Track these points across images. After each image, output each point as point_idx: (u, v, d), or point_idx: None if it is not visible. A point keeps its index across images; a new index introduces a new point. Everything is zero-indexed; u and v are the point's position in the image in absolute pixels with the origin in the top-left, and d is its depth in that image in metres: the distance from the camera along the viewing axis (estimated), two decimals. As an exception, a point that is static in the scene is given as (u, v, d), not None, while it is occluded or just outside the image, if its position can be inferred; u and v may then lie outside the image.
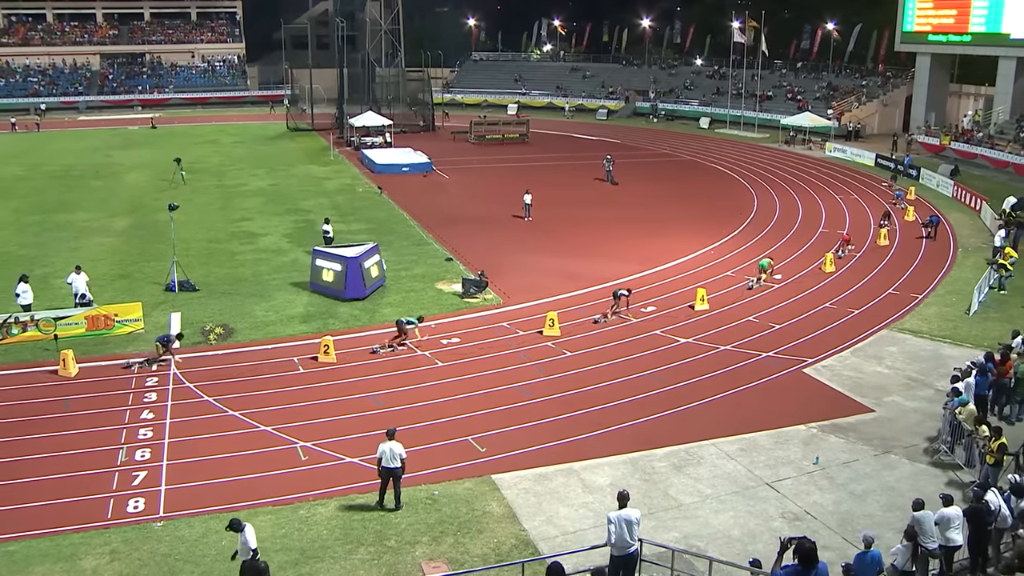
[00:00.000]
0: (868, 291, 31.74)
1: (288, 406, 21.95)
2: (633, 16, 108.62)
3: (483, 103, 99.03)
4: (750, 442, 20.38)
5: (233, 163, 60.46)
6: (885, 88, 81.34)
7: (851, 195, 50.44)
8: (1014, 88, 64.02)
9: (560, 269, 34.11)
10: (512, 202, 45.08)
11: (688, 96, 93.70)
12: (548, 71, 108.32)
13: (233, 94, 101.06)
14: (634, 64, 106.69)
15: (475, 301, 30.10)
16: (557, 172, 57.38)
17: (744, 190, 52.08)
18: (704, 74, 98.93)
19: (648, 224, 42.40)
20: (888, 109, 79.92)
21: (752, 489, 18.39)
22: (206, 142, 71.04)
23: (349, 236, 37.61)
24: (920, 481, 18.66)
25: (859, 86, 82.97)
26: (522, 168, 58.73)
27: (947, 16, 68.60)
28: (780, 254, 36.50)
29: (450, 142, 71.45)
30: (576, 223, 42.43)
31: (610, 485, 18.27)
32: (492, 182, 53.78)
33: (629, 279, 32.75)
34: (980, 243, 39.24)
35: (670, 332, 27.32)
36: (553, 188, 50.39)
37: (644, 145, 71.99)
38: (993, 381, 21.60)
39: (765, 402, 22.50)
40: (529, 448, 19.94)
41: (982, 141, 61.38)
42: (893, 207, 46.28)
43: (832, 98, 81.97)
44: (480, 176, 56.03)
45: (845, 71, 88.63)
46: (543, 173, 56.48)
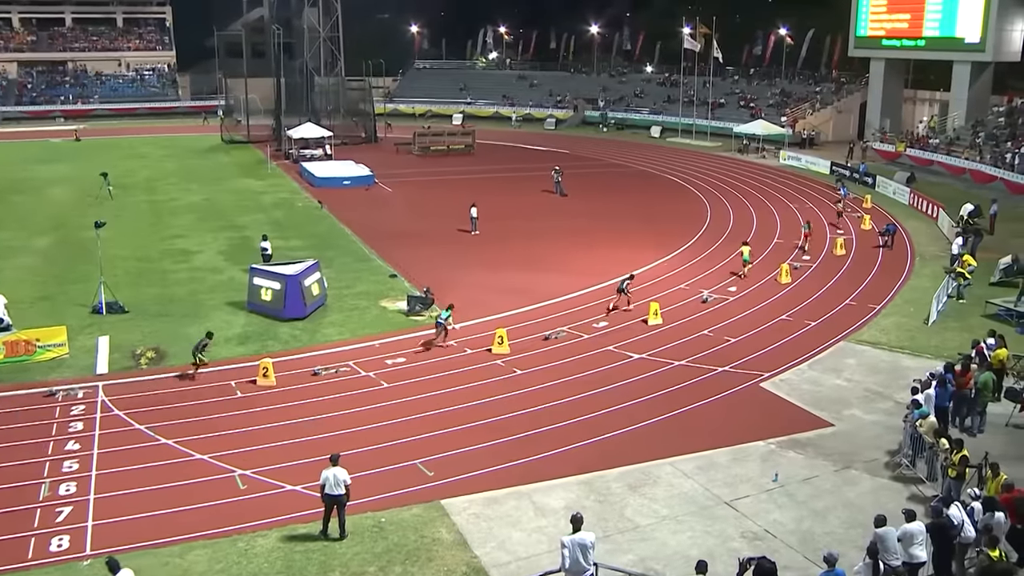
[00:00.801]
0: (825, 302, 32.26)
1: (225, 433, 21.64)
2: (581, 23, 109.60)
3: (427, 113, 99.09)
4: (707, 460, 20.53)
5: (164, 177, 59.70)
6: (839, 94, 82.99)
7: (806, 204, 51.35)
8: (969, 93, 65.52)
9: (508, 284, 34.14)
10: (458, 215, 45.05)
11: (639, 104, 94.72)
12: (494, 80, 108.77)
13: (163, 104, 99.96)
14: (583, 72, 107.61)
15: (421, 319, 30.00)
16: (504, 184, 57.53)
17: (697, 200, 52.70)
18: (655, 82, 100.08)
19: (599, 237, 42.68)
20: (843, 116, 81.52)
21: (710, 508, 18.53)
22: (134, 155, 70.05)
23: (288, 253, 37.29)
24: (882, 496, 18.93)
25: (813, 93, 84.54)
26: (468, 180, 58.81)
27: (901, 21, 70.18)
28: (735, 266, 36.98)
29: (393, 154, 71.32)
30: (524, 236, 42.54)
31: (564, 508, 18.28)
32: (437, 195, 53.74)
33: (580, 293, 32.95)
34: (938, 251, 40.12)
35: (623, 348, 27.46)
36: (500, 200, 50.53)
37: (594, 155, 72.54)
38: (953, 392, 21.93)
39: (722, 418, 22.70)
40: (479, 471, 19.88)
41: (938, 147, 62.68)
42: (842, 208, 47.66)
43: (785, 105, 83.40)
44: (424, 189, 55.97)
45: (798, 77, 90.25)
46: (490, 185, 56.59)
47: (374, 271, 36.10)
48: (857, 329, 29.32)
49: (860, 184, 57.85)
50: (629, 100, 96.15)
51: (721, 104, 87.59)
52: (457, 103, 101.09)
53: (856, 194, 53.90)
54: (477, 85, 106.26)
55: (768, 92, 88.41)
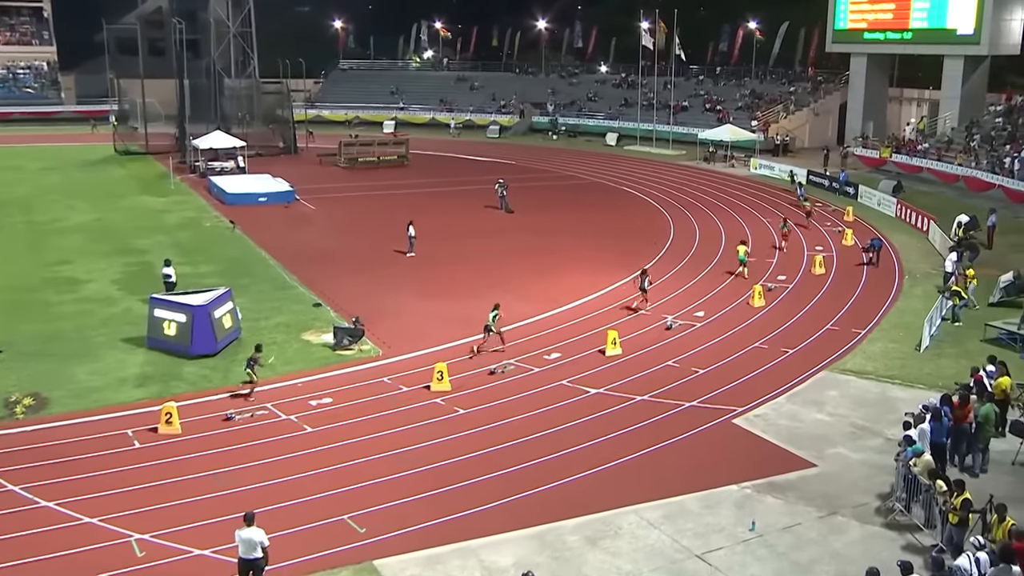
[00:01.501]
0: (803, 327, 32.63)
1: (120, 491, 21.15)
2: (527, 18, 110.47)
3: (354, 120, 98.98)
4: (676, 507, 20.55)
5: (45, 194, 58.73)
6: (816, 95, 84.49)
7: (780, 217, 51.92)
8: (962, 91, 66.29)
9: (449, 312, 34.08)
10: (392, 235, 45.02)
11: (592, 109, 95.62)
12: (430, 82, 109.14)
13: (43, 109, 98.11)
14: (529, 73, 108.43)
15: (349, 353, 29.80)
16: (443, 200, 57.61)
17: (659, 215, 53.19)
18: (610, 83, 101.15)
19: (550, 257, 42.85)
20: (820, 119, 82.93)
21: (680, 563, 18.53)
22: (8, 168, 68.84)
23: (196, 280, 36.86)
24: (873, 546, 19.05)
25: (786, 93, 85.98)
26: (402, 195, 58.80)
27: (884, 11, 71.30)
28: (701, 288, 37.32)
29: (316, 166, 71.12)
30: (467, 258, 42.59)
31: (514, 566, 18.17)
32: (367, 213, 53.69)
33: (529, 321, 32.99)
34: (929, 268, 40.87)
35: (578, 382, 27.48)
36: (439, 218, 50.58)
37: (543, 166, 72.95)
38: (951, 427, 21.94)
39: (691, 460, 22.76)
40: (417, 525, 19.70)
41: (927, 152, 63.84)
42: (810, 207, 49.90)
43: (756, 108, 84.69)
44: (353, 206, 55.89)
45: (770, 76, 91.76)
46: (427, 201, 56.61)
47: (296, 300, 35.82)
48: (840, 357, 29.66)
49: (841, 195, 58.85)
50: (581, 104, 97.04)
51: (684, 107, 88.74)
52: (388, 108, 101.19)
53: (836, 206, 54.82)
54: (411, 88, 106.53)
55: (736, 93, 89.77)
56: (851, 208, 52.97)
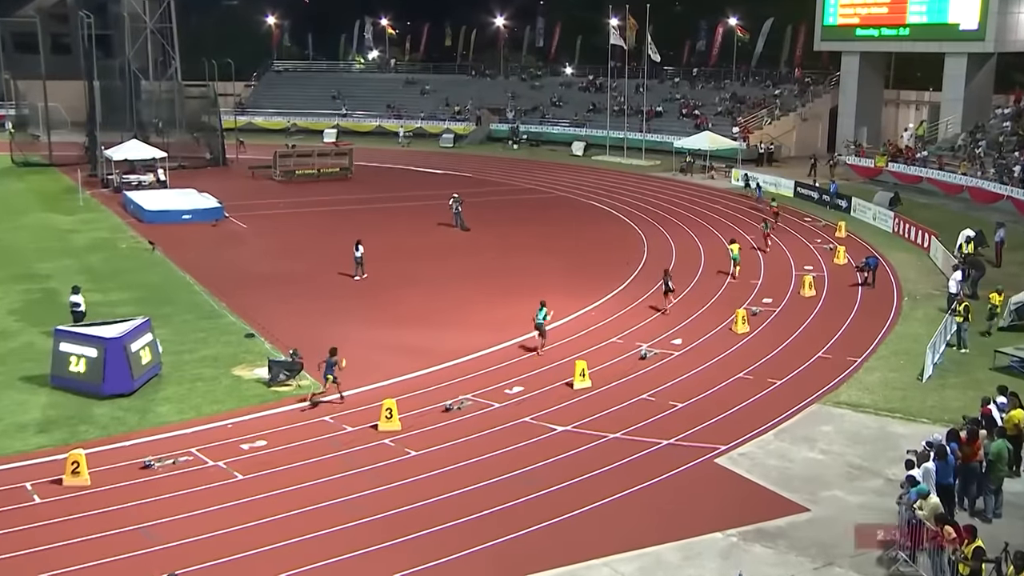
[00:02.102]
0: (792, 355, 32.72)
1: (16, 554, 20.70)
2: (483, 14, 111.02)
3: (291, 128, 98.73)
4: (652, 558, 20.44)
5: (-70, 213, 58.12)
6: (804, 98, 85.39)
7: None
8: (966, 92, 66.70)
9: (399, 342, 33.95)
10: (335, 256, 44.98)
11: (557, 115, 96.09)
12: (376, 85, 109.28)
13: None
14: (486, 75, 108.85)
15: (286, 390, 29.55)
16: (391, 216, 57.59)
17: (631, 232, 53.43)
18: (576, 86, 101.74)
19: (510, 280, 42.84)
20: (808, 124, 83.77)
21: (659, 621, 18.40)
22: None
23: (109, 310, 36.42)
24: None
25: (771, 97, 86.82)
26: (345, 212, 58.82)
27: (879, 5, 71.93)
28: (679, 313, 37.38)
29: (248, 180, 70.97)
30: (419, 281, 42.53)
31: (472, 629, 17.97)
32: (307, 231, 53.63)
33: (489, 351, 32.90)
34: (931, 289, 41.21)
35: (543, 419, 27.36)
36: (387, 237, 50.53)
37: (502, 179, 73.15)
38: (959, 466, 21.81)
39: (669, 504, 22.68)
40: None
41: (928, 161, 64.46)
42: (777, 208, 51.73)
43: (738, 113, 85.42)
44: (291, 224, 55.81)
45: (753, 78, 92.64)
46: (374, 217, 56.56)
47: (225, 330, 35.53)
48: (834, 388, 29.74)
49: (832, 209, 59.32)
50: (545, 110, 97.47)
51: (658, 113, 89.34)
52: (329, 115, 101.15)
53: (827, 221, 55.25)
54: (354, 92, 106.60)
55: (716, 97, 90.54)
56: (843, 223, 53.40)
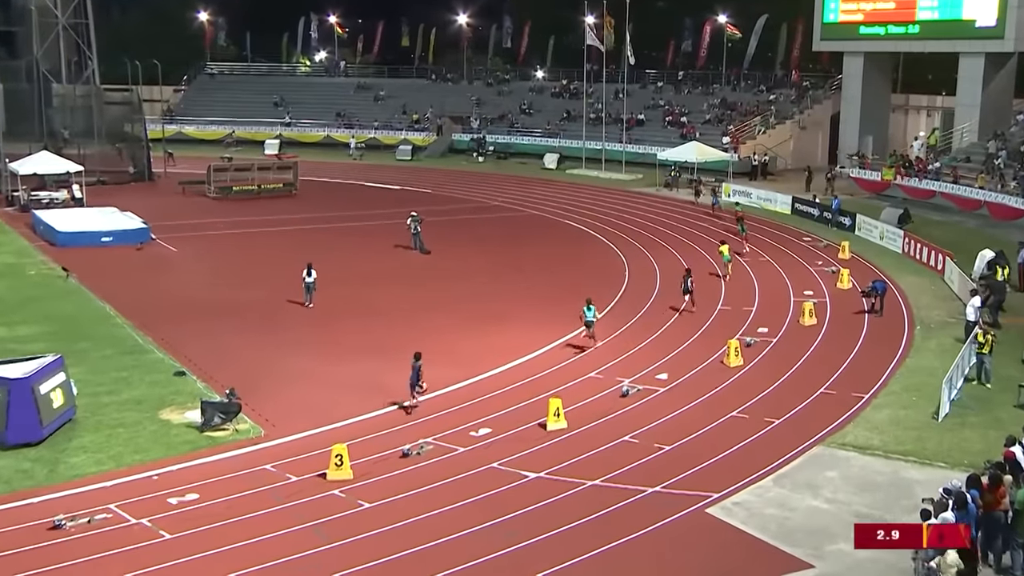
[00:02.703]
0: (792, 391, 32.76)
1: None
2: (444, 11, 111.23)
3: (227, 139, 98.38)
4: (638, 622, 20.37)
5: None
6: (802, 104, 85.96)
7: (761, 257, 52.66)
8: (983, 97, 66.88)
9: (352, 379, 33.84)
10: (279, 282, 44.97)
11: (527, 124, 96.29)
12: (324, 91, 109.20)
13: None
14: (448, 79, 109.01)
15: (222, 435, 29.32)
16: (341, 238, 57.64)
17: (611, 255, 53.62)
18: (548, 92, 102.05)
19: (475, 308, 42.82)
20: (807, 133, 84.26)
21: None
22: None
23: (15, 347, 36.13)
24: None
25: (765, 103, 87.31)
26: (290, 233, 58.77)
27: (885, 0, 72.34)
28: (665, 344, 37.42)
29: (178, 197, 70.79)
30: (373, 310, 42.46)
31: None
32: (246, 254, 53.63)
33: (451, 389, 32.83)
34: (946, 316, 41.43)
35: (514, 464, 27.29)
36: (338, 261, 50.38)
37: (467, 195, 73.30)
38: (981, 516, 21.65)
39: (654, 560, 22.61)
40: (309, 655, 19.33)
41: (941, 173, 64.73)
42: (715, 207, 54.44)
43: (728, 121, 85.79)
44: (228, 246, 55.75)
45: (745, 82, 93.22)
46: (322, 239, 56.57)
47: (151, 368, 35.23)
48: (839, 428, 29.78)
49: (834, 227, 59.59)
50: (514, 118, 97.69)
51: (640, 121, 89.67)
52: (271, 124, 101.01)
53: (829, 241, 55.52)
54: (300, 98, 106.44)
55: (704, 103, 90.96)
56: (847, 243, 53.68)
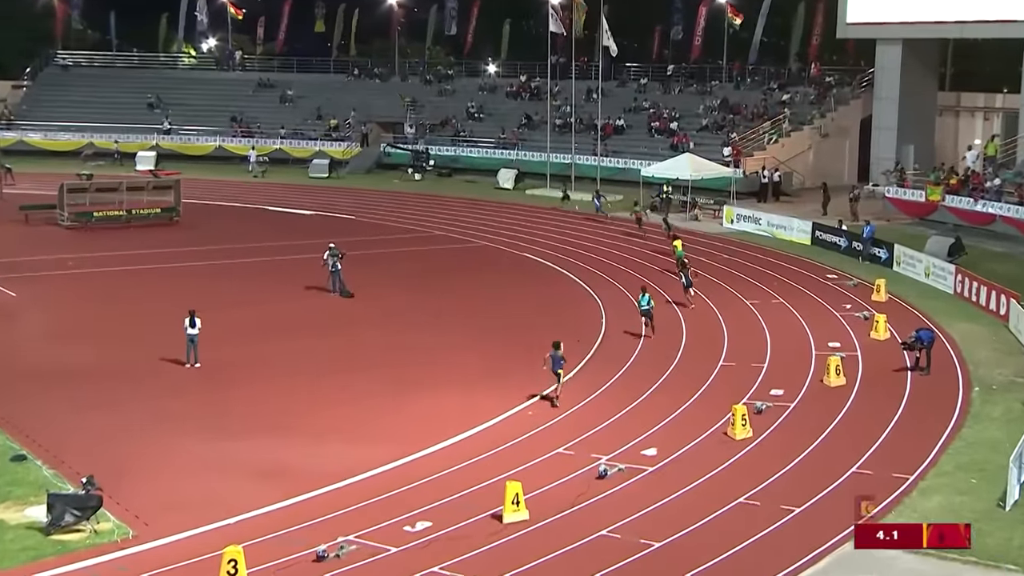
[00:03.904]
0: (815, 472, 32.64)
1: None
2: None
3: (86, 150, 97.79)
4: None
5: None
6: (823, 106, 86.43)
7: (774, 299, 52.77)
8: None
9: (250, 462, 33.61)
10: (154, 336, 44.79)
11: (477, 131, 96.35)
12: (214, 89, 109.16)
13: None
14: (375, 75, 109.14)
15: (77, 538, 28.99)
16: (238, 278, 57.56)
17: (584, 298, 53.62)
18: (502, 90, 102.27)
19: (410, 368, 42.57)
20: (830, 142, 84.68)
21: None
22: None
23: None
24: None
25: (777, 104, 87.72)
26: (170, 273, 58.59)
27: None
28: (653, 410, 37.23)
29: (18, 226, 70.77)
30: (279, 371, 42.19)
31: None
32: (111, 302, 53.15)
33: (377, 472, 32.63)
34: (1013, 375, 41.48)
35: (460, 567, 27.20)
36: (232, 308, 50.28)
37: (400, 222, 73.52)
38: None
39: None
40: None
41: (1002, 192, 65.07)
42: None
43: (731, 127, 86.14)
44: (86, 291, 55.37)
45: (751, 79, 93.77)
46: (211, 281, 56.41)
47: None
48: (877, 518, 29.72)
49: (867, 261, 59.71)
50: (460, 124, 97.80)
51: (620, 128, 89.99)
52: (145, 132, 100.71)
53: (860, 279, 55.63)
54: (182, 99, 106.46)
55: (699, 106, 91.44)
56: (883, 282, 53.73)
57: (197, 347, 42.52)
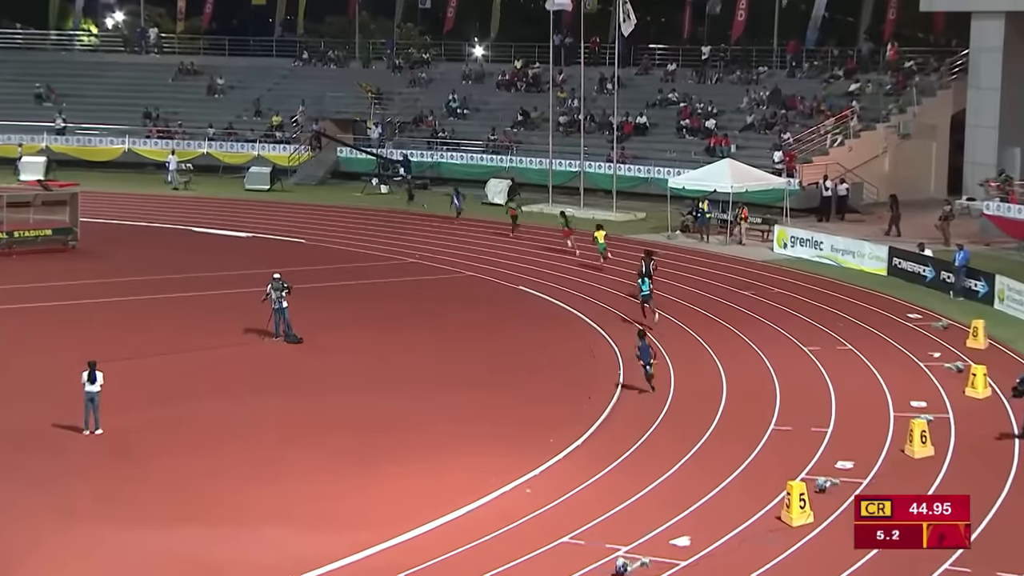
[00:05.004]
0: (896, 569, 32.56)
1: None
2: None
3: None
4: None
5: None
6: (902, 98, 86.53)
7: (840, 345, 52.77)
8: None
9: (167, 556, 33.38)
10: (45, 394, 44.73)
11: (460, 131, 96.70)
12: (122, 76, 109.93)
13: None
14: (330, 60, 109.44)
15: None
16: (153, 319, 57.68)
17: (596, 341, 53.76)
18: (493, 80, 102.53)
19: (375, 434, 42.40)
20: (912, 145, 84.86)
21: None
22: None
23: None
24: None
25: (842, 96, 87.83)
26: (63, 312, 58.63)
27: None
28: (685, 487, 37.06)
29: None
30: (203, 438, 42.00)
31: None
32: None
33: (341, 564, 32.44)
34: None
35: None
36: (145, 358, 50.30)
37: (364, 247, 73.81)
38: None
39: None
40: None
41: None
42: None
43: (783, 125, 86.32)
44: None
45: (809, 64, 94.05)
46: (118, 322, 56.46)
47: None
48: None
49: (959, 296, 59.66)
50: (438, 122, 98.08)
51: (643, 127, 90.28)
52: (31, 131, 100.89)
53: (951, 320, 55.63)
54: (81, 88, 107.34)
55: (743, 98, 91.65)
56: (981, 323, 53.69)
57: (98, 408, 42.05)
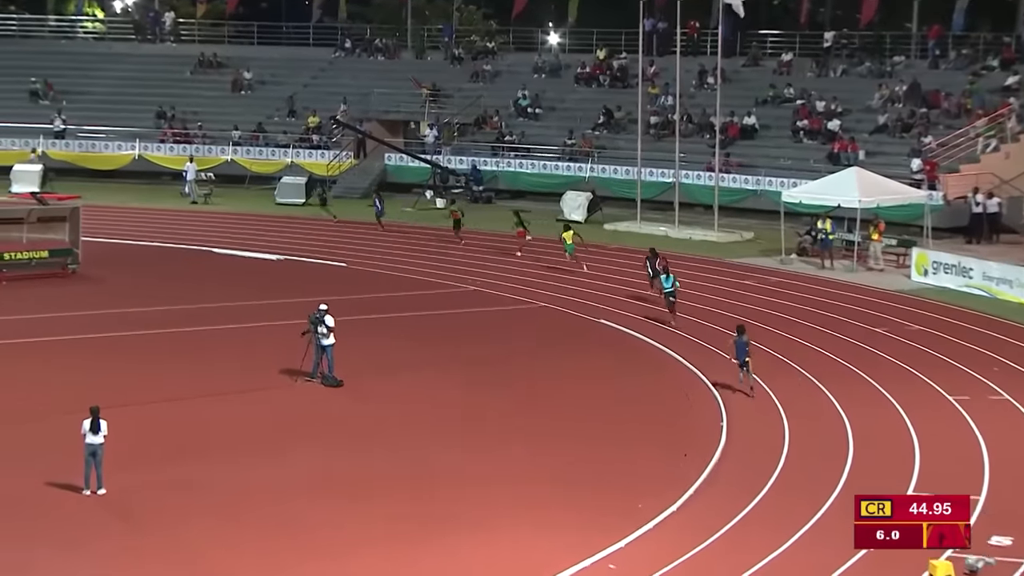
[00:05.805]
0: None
1: None
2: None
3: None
4: None
5: None
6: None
7: (993, 394, 52.32)
8: None
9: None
10: (39, 448, 44.77)
11: (531, 135, 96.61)
12: (132, 69, 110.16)
13: None
14: (378, 50, 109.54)
15: None
16: (168, 358, 57.86)
17: (694, 390, 53.51)
18: (570, 74, 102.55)
19: (437, 497, 42.15)
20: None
21: None
22: None
23: None
24: None
25: (997, 91, 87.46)
26: (62, 348, 58.95)
27: None
28: (805, 561, 36.79)
29: None
30: (224, 502, 41.76)
31: None
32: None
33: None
34: None
35: None
36: (160, 404, 50.44)
37: (417, 273, 73.94)
38: None
39: None
40: None
41: None
42: None
43: (925, 127, 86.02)
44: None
45: (956, 53, 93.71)
46: (127, 362, 56.62)
47: None
48: None
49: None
50: (506, 124, 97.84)
51: (751, 129, 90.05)
52: (26, 134, 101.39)
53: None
54: (83, 85, 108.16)
55: (873, 95, 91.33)
56: None
57: (101, 464, 42.17)
